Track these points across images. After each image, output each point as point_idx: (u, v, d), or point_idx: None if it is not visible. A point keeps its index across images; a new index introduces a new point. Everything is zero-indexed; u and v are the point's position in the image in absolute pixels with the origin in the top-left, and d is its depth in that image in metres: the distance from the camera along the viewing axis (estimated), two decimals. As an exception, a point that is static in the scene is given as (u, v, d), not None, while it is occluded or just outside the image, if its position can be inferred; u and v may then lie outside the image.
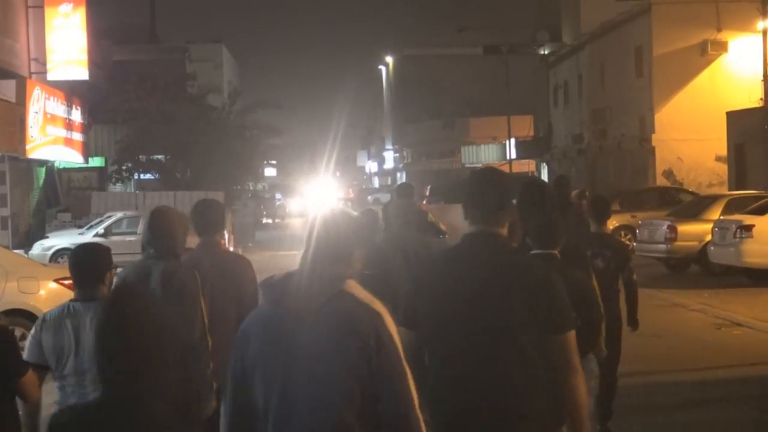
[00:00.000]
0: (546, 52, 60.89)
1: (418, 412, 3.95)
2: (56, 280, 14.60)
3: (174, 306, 6.15)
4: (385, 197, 57.43)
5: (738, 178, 37.46)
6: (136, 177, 49.73)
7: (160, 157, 48.83)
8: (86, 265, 5.98)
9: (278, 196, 79.49)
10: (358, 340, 3.85)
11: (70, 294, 6.16)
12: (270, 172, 74.39)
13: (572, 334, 4.67)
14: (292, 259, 4.42)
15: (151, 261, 6.59)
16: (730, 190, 35.65)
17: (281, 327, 3.90)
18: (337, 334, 3.85)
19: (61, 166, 44.16)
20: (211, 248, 7.48)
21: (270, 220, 66.73)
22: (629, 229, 28.31)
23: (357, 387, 3.85)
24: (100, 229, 30.33)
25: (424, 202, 40.81)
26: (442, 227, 26.19)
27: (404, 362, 3.95)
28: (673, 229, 24.17)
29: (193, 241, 7.25)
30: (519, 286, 4.58)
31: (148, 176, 49.84)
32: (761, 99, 35.07)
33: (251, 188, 56.24)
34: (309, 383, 3.85)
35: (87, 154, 44.47)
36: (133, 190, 47.30)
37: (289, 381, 3.87)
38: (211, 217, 7.50)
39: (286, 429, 3.87)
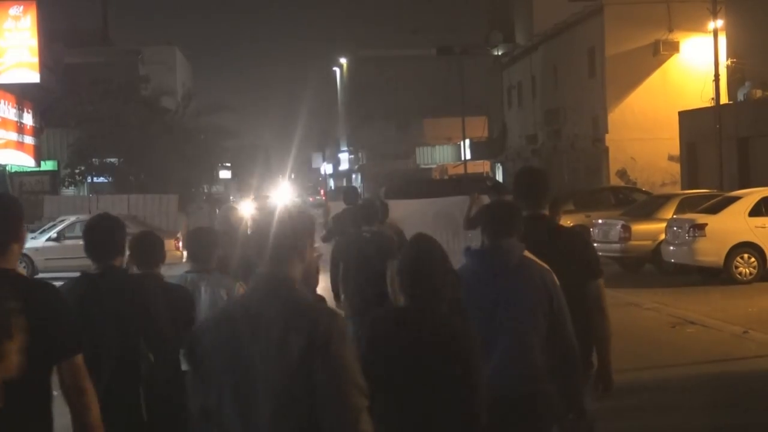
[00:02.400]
0: (499, 53, 61.05)
1: (575, 340, 5.74)
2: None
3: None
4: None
5: (690, 178, 37.74)
6: (89, 180, 49.34)
7: (113, 160, 48.50)
8: (204, 242, 7.57)
9: (233, 197, 79.17)
10: (543, 286, 5.63)
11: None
12: (225, 174, 74.10)
13: (602, 281, 6.52)
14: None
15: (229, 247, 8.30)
16: (683, 189, 35.91)
17: (487, 278, 5.66)
18: (529, 282, 5.63)
19: (12, 170, 43.73)
20: None
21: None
22: (584, 229, 28.37)
23: (542, 318, 5.61)
24: (53, 234, 29.98)
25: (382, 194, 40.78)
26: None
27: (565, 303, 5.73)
28: (627, 228, 24.30)
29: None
30: (574, 248, 6.51)
31: (101, 180, 49.47)
32: (712, 99, 35.32)
33: (205, 191, 56.07)
34: (511, 313, 5.56)
35: (39, 157, 44.11)
36: (86, 194, 46.91)
37: (498, 311, 5.59)
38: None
39: (490, 349, 5.39)
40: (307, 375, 3.64)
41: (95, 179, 49.51)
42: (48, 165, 47.95)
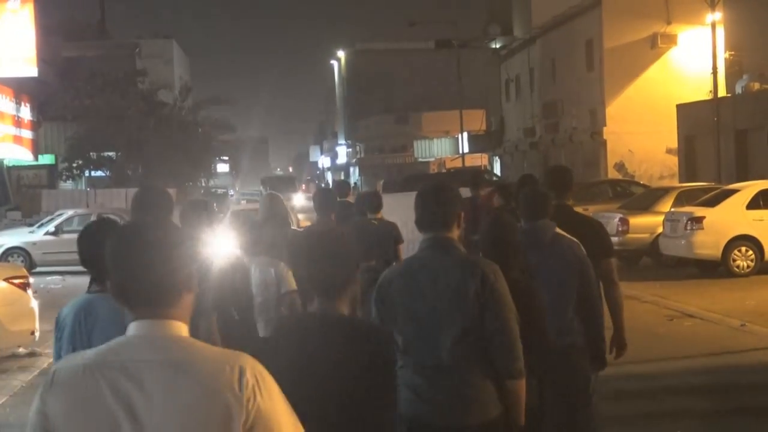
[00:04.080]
0: (497, 46, 61.00)
1: (600, 303, 7.03)
2: (7, 279, 14.29)
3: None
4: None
5: (688, 170, 37.77)
6: (86, 174, 49.38)
7: (111, 154, 48.54)
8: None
9: (231, 192, 79.11)
10: (573, 257, 6.80)
11: (22, 294, 6.31)
12: (222, 168, 74.09)
13: (614, 260, 7.99)
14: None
15: (275, 230, 9.12)
16: (680, 182, 35.92)
17: (526, 251, 6.45)
18: (560, 254, 6.79)
19: (10, 164, 43.75)
20: (325, 223, 10.33)
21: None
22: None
23: (577, 281, 6.75)
24: (51, 228, 29.93)
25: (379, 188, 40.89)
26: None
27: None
28: (624, 221, 24.31)
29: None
30: (592, 231, 7.75)
31: (99, 173, 49.50)
32: (710, 92, 35.33)
33: (203, 184, 56.11)
34: (546, 280, 6.41)
35: (37, 151, 44.12)
36: (84, 188, 46.95)
37: (535, 279, 6.39)
38: (326, 201, 10.83)
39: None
40: (480, 309, 5.07)
41: (93, 173, 49.54)
42: (45, 159, 47.96)
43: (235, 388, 2.72)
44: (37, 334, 14.40)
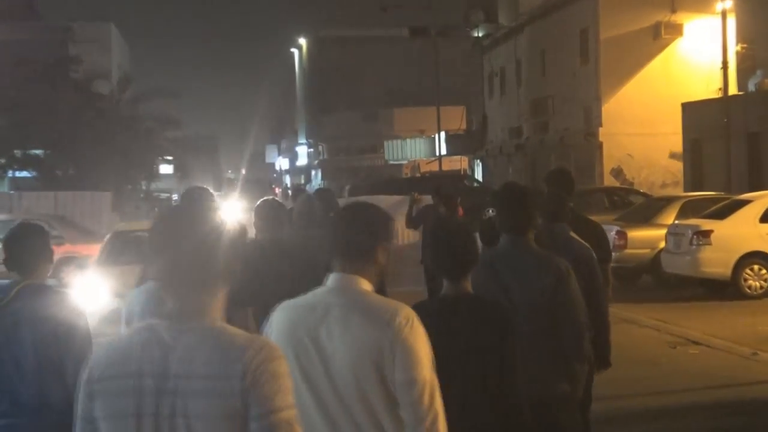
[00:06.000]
0: (480, 35, 61.12)
1: (606, 301, 8.31)
2: None
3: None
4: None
5: (694, 178, 37.89)
6: (10, 175, 49.10)
7: (38, 152, 48.28)
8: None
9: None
10: (582, 258, 7.75)
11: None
12: (166, 169, 73.81)
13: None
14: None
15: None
16: (685, 190, 36.03)
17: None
18: (574, 254, 7.61)
19: None
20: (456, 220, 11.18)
21: None
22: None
23: (586, 283, 7.22)
24: (-31, 235, 29.56)
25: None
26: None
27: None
28: (622, 235, 24.30)
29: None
30: (594, 234, 9.04)
31: (24, 174, 49.24)
32: (720, 89, 35.49)
33: (144, 188, 55.93)
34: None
35: (-47, 148, 43.78)
36: (7, 190, 46.67)
37: None
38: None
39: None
40: (552, 298, 6.38)
41: (17, 173, 49.28)
42: (-37, 157, 47.67)
43: (389, 325, 4.22)
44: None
